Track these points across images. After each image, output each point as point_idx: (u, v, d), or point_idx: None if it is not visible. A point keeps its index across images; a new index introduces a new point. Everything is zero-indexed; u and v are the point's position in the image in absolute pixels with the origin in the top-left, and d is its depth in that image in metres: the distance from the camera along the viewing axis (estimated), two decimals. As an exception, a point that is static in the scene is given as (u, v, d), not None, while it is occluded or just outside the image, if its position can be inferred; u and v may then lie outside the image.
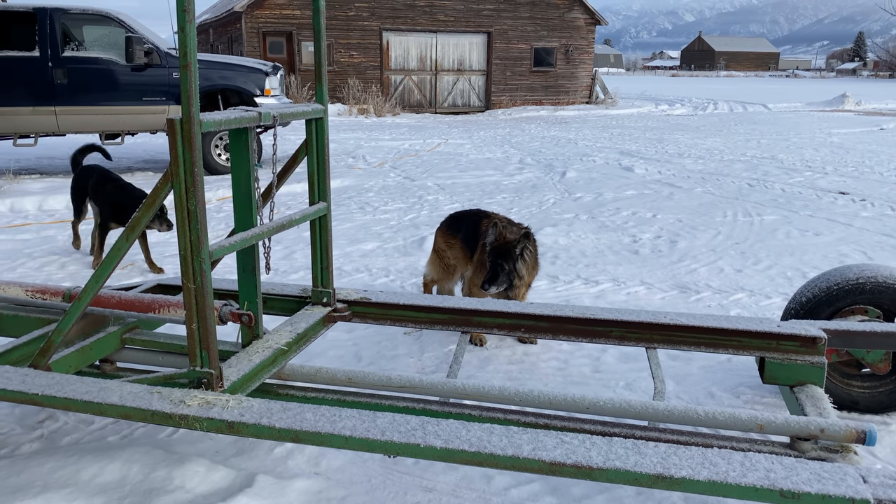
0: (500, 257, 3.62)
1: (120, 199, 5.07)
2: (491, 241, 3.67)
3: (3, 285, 2.84)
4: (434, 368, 3.54)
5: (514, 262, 3.63)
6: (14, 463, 2.51)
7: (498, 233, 3.67)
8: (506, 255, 3.62)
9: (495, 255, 3.63)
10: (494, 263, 3.62)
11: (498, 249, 3.63)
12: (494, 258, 3.63)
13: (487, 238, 3.69)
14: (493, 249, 3.64)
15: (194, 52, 1.93)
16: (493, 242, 3.66)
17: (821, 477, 1.67)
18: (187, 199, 1.99)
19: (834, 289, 2.97)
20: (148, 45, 9.24)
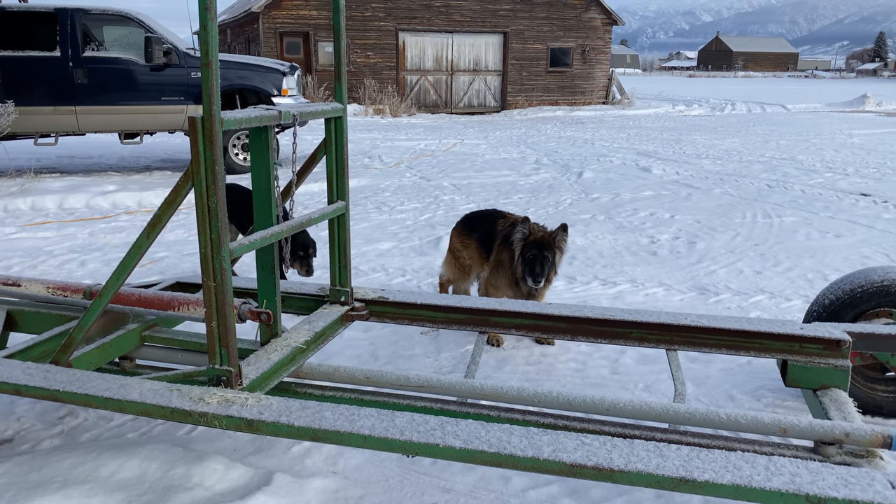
0: (540, 249, 3.56)
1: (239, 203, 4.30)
2: (523, 235, 3.62)
3: (25, 282, 2.87)
4: (451, 368, 3.53)
5: (553, 254, 3.60)
6: (35, 458, 2.52)
7: (531, 227, 3.64)
8: (546, 247, 3.58)
9: (535, 248, 3.56)
10: (535, 256, 3.55)
11: (536, 243, 3.58)
12: (535, 251, 3.56)
13: (516, 234, 3.64)
14: (529, 243, 3.59)
15: (215, 50, 1.93)
16: (526, 237, 3.62)
17: (847, 482, 1.64)
18: (208, 198, 1.99)
19: (858, 291, 2.93)
20: (167, 46, 9.31)
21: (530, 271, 3.56)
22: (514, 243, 3.64)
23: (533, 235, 3.61)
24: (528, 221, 3.65)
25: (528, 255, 3.58)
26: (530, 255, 3.57)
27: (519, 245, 3.62)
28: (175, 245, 5.96)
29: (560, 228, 3.65)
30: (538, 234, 3.62)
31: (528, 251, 3.58)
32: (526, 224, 3.63)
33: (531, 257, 3.57)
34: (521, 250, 3.60)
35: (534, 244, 3.58)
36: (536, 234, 3.62)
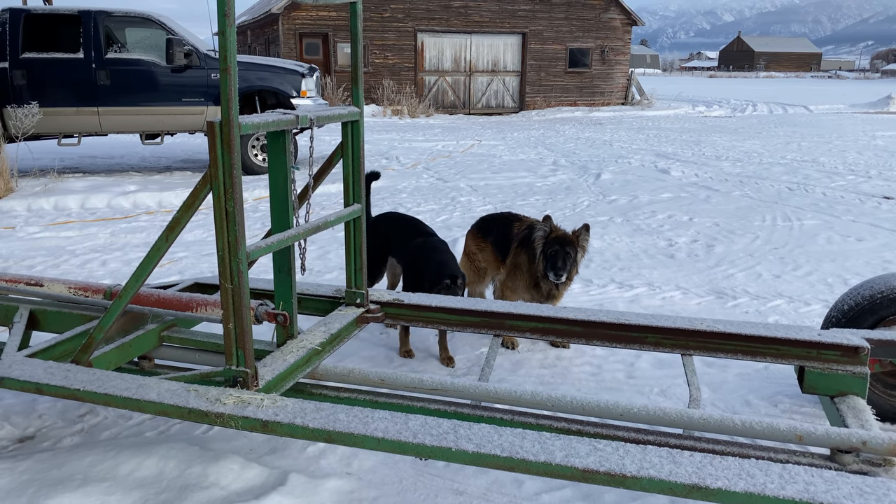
0: (563, 246, 3.59)
1: (435, 257, 3.70)
2: (545, 233, 3.64)
3: (47, 282, 2.92)
4: (465, 371, 3.54)
5: (576, 252, 3.63)
6: (56, 456, 2.57)
7: (552, 224, 3.66)
8: (569, 244, 3.61)
9: (557, 244, 3.59)
10: (557, 252, 3.58)
11: (559, 239, 3.61)
12: (557, 247, 3.58)
13: (537, 233, 3.66)
14: (551, 240, 3.62)
15: (234, 55, 1.95)
16: (548, 234, 3.64)
17: (863, 491, 1.63)
18: (226, 201, 2.02)
19: (878, 297, 2.90)
20: (188, 47, 9.41)
21: (552, 266, 3.57)
22: (535, 241, 3.66)
23: (555, 233, 3.64)
24: (549, 220, 3.67)
25: (549, 252, 3.59)
26: (552, 251, 3.59)
27: (541, 242, 3.64)
28: (193, 245, 6.02)
29: (583, 228, 3.68)
30: (560, 232, 3.65)
31: (549, 247, 3.60)
32: (547, 222, 3.66)
33: (553, 253, 3.58)
34: (543, 247, 3.62)
35: (556, 241, 3.61)
36: (558, 232, 3.65)
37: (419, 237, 3.88)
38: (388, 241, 4.01)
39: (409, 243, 3.85)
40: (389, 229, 4.03)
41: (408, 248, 3.83)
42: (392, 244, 4.00)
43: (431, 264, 3.59)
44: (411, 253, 3.79)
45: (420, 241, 3.84)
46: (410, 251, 3.80)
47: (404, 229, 3.97)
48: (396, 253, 4.00)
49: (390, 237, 4.00)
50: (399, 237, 3.95)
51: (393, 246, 4.00)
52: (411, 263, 3.76)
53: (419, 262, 3.69)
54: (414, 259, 3.75)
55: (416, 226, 3.98)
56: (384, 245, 4.01)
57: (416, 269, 3.68)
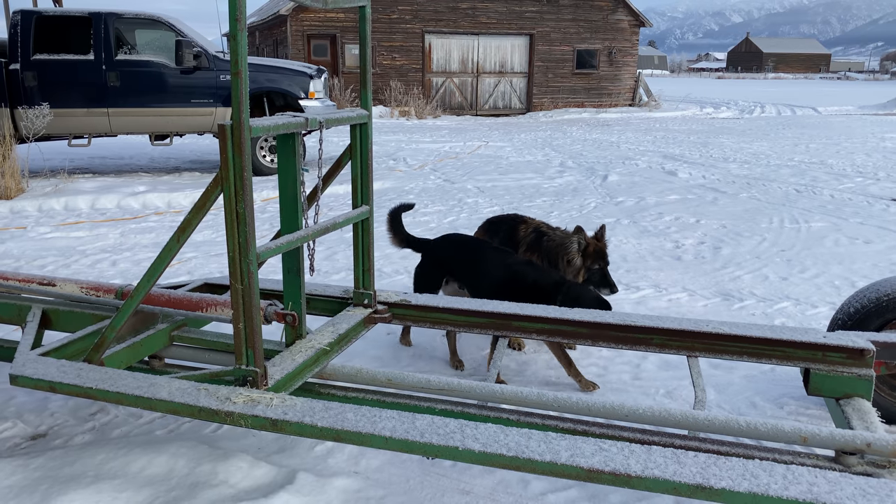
0: (602, 259, 3.69)
1: (514, 278, 3.45)
2: (580, 246, 3.69)
3: (60, 282, 2.96)
4: (472, 371, 3.56)
5: (607, 262, 3.73)
6: (67, 453, 2.61)
7: (587, 237, 3.71)
8: (603, 256, 3.71)
9: (599, 260, 3.68)
10: (602, 268, 3.68)
11: (599, 254, 3.70)
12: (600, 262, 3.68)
13: (571, 245, 3.69)
14: (591, 254, 3.68)
15: (245, 59, 1.98)
16: (583, 247, 3.69)
17: (866, 493, 1.64)
18: (236, 203, 2.05)
19: (884, 299, 2.90)
20: (197, 49, 9.47)
21: (606, 283, 3.68)
22: (571, 254, 3.68)
23: (592, 246, 3.70)
24: (582, 232, 3.70)
25: (593, 268, 3.68)
26: (597, 266, 3.68)
27: (578, 256, 3.69)
28: (203, 246, 6.07)
29: (601, 232, 3.79)
30: (595, 245, 3.71)
31: (592, 263, 3.68)
32: (581, 234, 3.70)
33: (599, 270, 3.68)
34: (583, 261, 3.68)
35: (597, 255, 3.69)
36: (595, 245, 3.71)
37: (494, 257, 3.56)
38: (450, 263, 3.70)
39: (490, 264, 3.52)
40: (452, 251, 3.72)
41: (502, 269, 3.47)
42: (456, 267, 3.67)
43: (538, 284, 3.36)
44: (491, 275, 3.48)
45: (516, 260, 3.54)
46: (489, 274, 3.50)
47: (473, 251, 3.66)
48: (464, 278, 3.66)
49: (455, 260, 3.68)
50: (468, 259, 3.62)
51: (457, 269, 3.67)
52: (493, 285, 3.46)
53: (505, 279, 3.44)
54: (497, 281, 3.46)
55: (484, 247, 3.69)
56: (444, 268, 3.72)
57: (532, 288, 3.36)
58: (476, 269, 3.58)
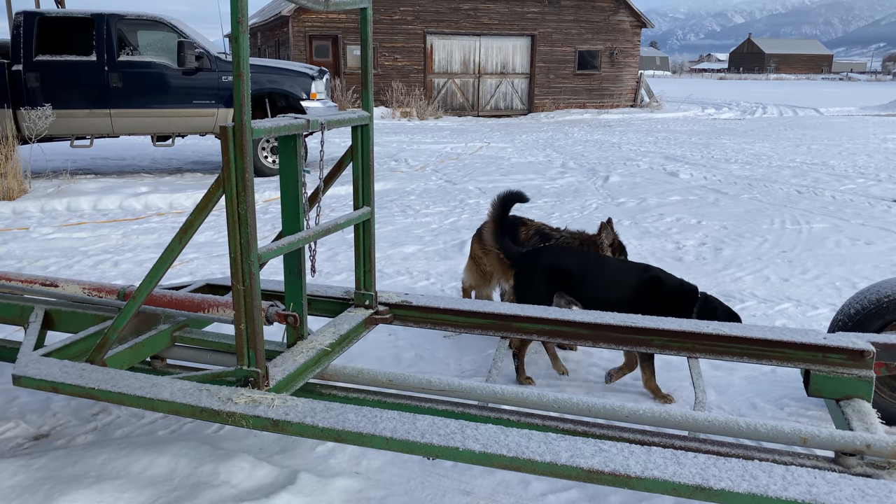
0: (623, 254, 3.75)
1: (650, 287, 3.28)
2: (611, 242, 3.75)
3: (62, 283, 2.97)
4: (473, 372, 3.57)
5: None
6: (70, 453, 2.62)
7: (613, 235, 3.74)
8: (623, 251, 3.75)
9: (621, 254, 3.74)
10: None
11: (620, 248, 3.73)
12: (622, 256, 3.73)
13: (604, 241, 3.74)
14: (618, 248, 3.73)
15: (247, 61, 1.99)
16: (610, 246, 3.74)
17: (865, 494, 1.65)
18: (238, 204, 2.06)
19: (885, 301, 2.90)
20: (199, 50, 9.49)
21: None
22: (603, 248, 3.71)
23: (616, 241, 3.74)
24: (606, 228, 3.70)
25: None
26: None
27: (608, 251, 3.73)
28: (205, 247, 6.08)
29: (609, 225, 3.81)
30: (618, 241, 3.75)
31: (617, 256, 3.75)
32: (607, 231, 3.71)
33: None
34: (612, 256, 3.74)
35: (619, 250, 3.74)
36: (617, 241, 3.74)
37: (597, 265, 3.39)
38: (561, 275, 3.38)
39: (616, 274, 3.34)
40: (564, 262, 3.43)
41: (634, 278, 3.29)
42: (570, 279, 3.37)
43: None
44: (648, 282, 3.28)
45: (647, 268, 3.37)
46: (642, 281, 3.28)
47: (591, 261, 3.46)
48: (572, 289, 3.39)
49: (567, 271, 3.38)
50: (585, 269, 3.37)
51: (571, 281, 3.36)
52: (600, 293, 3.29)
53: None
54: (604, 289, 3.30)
55: (600, 255, 3.57)
56: (555, 281, 3.38)
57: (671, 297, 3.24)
58: (597, 279, 3.31)
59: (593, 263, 3.39)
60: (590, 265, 3.37)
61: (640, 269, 3.36)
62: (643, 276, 3.28)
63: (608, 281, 3.30)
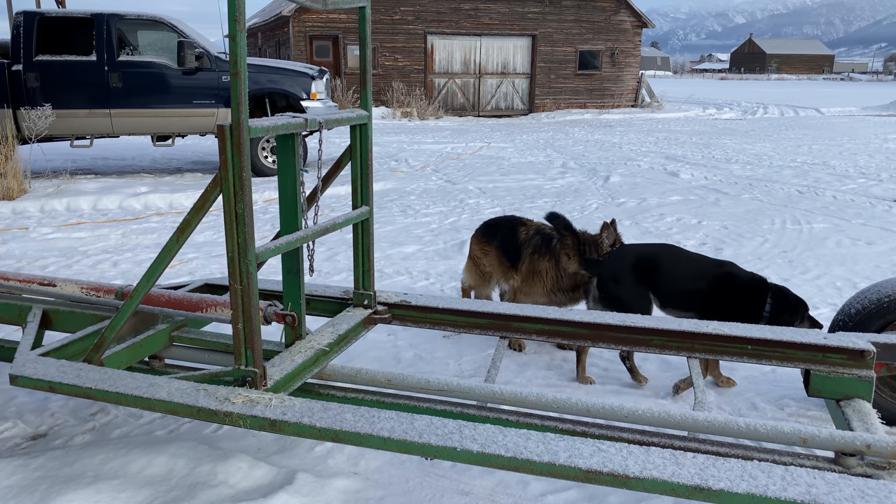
0: None
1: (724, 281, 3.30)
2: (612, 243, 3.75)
3: (60, 282, 2.96)
4: (472, 372, 3.56)
5: None
6: (67, 453, 2.61)
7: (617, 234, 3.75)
8: None
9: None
10: None
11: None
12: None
13: (604, 241, 3.73)
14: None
15: (244, 60, 1.99)
16: (612, 245, 3.75)
17: (865, 494, 1.64)
18: (235, 203, 2.05)
19: (885, 301, 2.89)
20: (199, 50, 9.49)
21: None
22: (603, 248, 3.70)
23: (618, 241, 3.74)
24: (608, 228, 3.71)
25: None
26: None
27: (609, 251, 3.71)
28: (204, 247, 6.08)
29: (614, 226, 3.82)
30: (620, 240, 3.74)
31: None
32: (609, 231, 3.72)
33: None
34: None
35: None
36: (620, 240, 3.74)
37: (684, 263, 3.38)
38: (648, 276, 3.38)
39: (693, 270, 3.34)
40: (649, 261, 3.42)
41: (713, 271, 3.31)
42: (655, 278, 3.37)
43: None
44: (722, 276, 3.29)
45: (719, 262, 3.39)
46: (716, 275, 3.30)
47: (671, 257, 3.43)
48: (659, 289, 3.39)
49: (652, 271, 3.38)
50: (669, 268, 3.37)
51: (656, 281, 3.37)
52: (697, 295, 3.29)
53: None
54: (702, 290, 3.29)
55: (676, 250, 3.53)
56: (646, 283, 3.38)
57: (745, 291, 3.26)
58: (676, 276, 3.32)
59: (674, 260, 3.41)
60: (670, 262, 3.39)
61: (715, 264, 3.40)
62: (719, 272, 3.31)
63: (687, 277, 3.32)
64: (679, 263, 3.40)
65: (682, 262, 3.41)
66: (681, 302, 3.34)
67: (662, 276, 3.36)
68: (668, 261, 3.42)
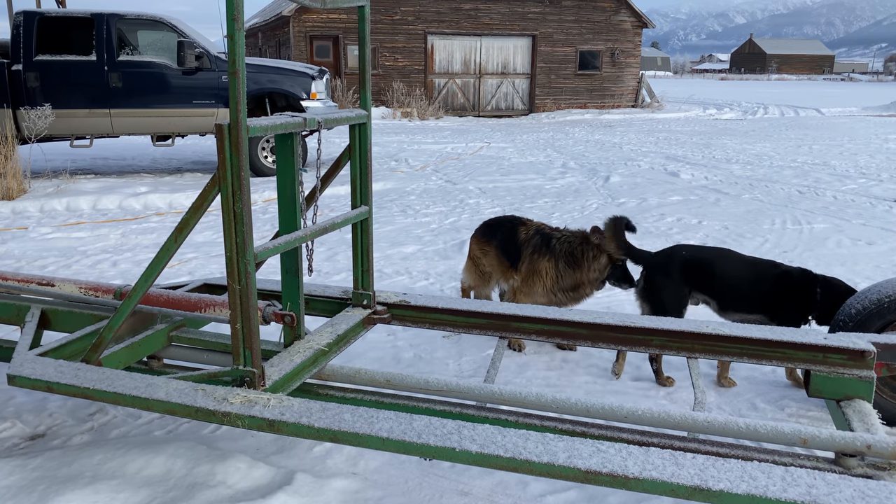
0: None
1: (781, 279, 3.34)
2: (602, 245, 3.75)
3: (58, 282, 2.96)
4: (472, 372, 3.55)
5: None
6: (66, 454, 2.60)
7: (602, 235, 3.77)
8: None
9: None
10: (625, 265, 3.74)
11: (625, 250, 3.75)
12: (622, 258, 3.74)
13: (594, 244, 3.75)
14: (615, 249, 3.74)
15: (242, 59, 1.98)
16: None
17: (865, 495, 1.63)
18: (233, 203, 2.05)
19: (885, 301, 2.89)
20: (199, 50, 9.48)
21: (626, 278, 3.75)
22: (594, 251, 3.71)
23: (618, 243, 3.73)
24: (598, 232, 3.74)
25: (616, 263, 3.73)
26: (619, 262, 3.74)
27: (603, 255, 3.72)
28: (203, 247, 6.07)
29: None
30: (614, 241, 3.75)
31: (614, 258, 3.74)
32: (598, 234, 3.73)
33: (621, 266, 3.75)
34: (608, 258, 3.73)
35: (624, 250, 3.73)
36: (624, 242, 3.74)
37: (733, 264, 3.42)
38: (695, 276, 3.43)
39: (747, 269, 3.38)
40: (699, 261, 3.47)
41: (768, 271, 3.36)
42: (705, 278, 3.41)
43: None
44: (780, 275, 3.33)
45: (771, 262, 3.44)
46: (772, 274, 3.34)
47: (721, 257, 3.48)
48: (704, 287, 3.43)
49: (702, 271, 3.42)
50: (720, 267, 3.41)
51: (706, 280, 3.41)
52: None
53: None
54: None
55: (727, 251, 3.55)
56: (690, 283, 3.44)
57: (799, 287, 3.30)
58: (731, 276, 3.34)
59: (732, 264, 3.42)
60: (728, 266, 3.40)
61: (769, 264, 3.43)
62: (774, 271, 3.35)
63: (742, 278, 3.33)
64: (737, 267, 3.40)
65: (739, 265, 3.41)
66: (745, 305, 3.37)
67: (721, 281, 3.39)
68: (725, 265, 3.42)
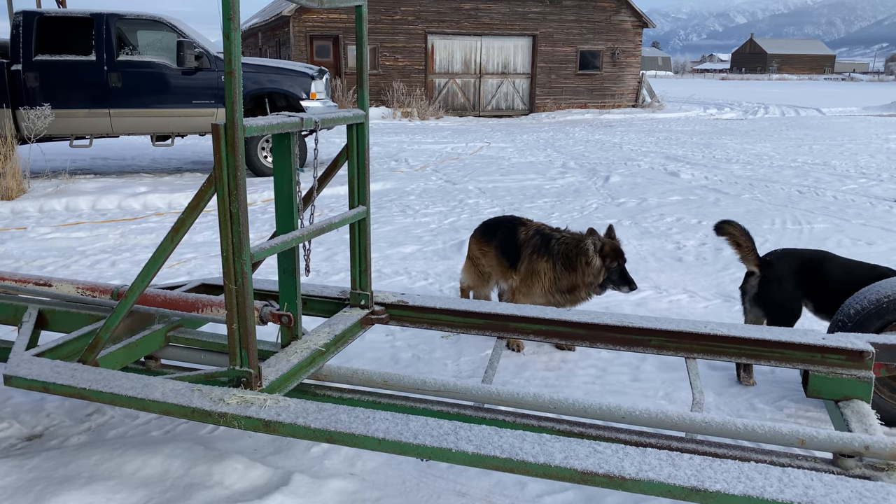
0: (618, 258, 3.70)
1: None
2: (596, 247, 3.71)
3: (56, 282, 2.95)
4: (470, 373, 3.55)
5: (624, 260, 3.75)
6: (63, 454, 2.60)
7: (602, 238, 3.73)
8: (621, 255, 3.71)
9: (617, 258, 3.69)
10: (620, 266, 3.69)
11: (616, 252, 3.70)
12: (619, 261, 3.70)
13: (587, 247, 3.71)
14: (609, 253, 3.69)
15: (238, 59, 1.97)
16: (602, 248, 3.72)
17: (862, 496, 1.62)
18: (230, 202, 2.04)
19: (884, 301, 2.88)
20: (198, 50, 9.48)
21: (625, 280, 3.69)
22: (590, 254, 3.67)
23: (608, 245, 3.69)
24: (595, 234, 3.70)
25: (612, 266, 3.68)
26: (615, 264, 3.68)
27: (596, 257, 3.68)
28: (202, 247, 6.07)
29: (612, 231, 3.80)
30: (612, 245, 3.70)
31: (608, 261, 3.68)
32: (595, 236, 3.70)
33: (618, 268, 3.69)
34: (603, 261, 3.68)
35: (615, 254, 3.68)
36: (610, 244, 3.70)
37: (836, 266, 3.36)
38: (807, 282, 3.38)
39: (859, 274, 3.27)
40: (812, 268, 3.40)
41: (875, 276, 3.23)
42: (817, 284, 3.36)
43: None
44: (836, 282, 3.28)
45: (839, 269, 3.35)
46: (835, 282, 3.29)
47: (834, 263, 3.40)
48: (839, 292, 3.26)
49: (814, 277, 3.37)
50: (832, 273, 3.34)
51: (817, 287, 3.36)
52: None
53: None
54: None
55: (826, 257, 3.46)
56: (802, 289, 3.39)
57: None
58: (837, 282, 3.27)
59: (831, 263, 3.38)
60: (831, 269, 3.35)
61: (869, 266, 3.34)
62: (875, 273, 3.25)
63: (849, 284, 3.22)
64: (840, 269, 3.35)
65: (842, 268, 3.35)
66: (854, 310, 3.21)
67: (824, 283, 3.33)
68: (828, 267, 3.37)
